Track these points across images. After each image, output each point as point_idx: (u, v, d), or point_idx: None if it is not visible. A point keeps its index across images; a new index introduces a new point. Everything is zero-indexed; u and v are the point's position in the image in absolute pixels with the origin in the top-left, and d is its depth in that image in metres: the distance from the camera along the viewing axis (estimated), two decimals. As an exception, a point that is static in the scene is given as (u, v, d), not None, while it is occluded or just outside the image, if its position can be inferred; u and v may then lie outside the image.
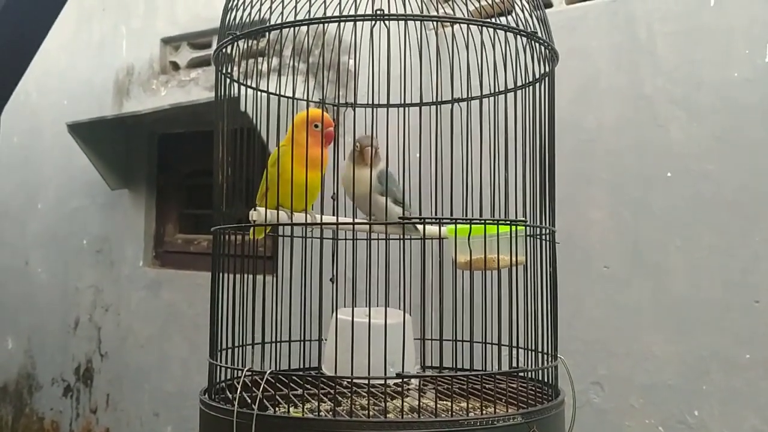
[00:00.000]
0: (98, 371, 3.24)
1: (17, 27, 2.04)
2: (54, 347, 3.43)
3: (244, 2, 1.13)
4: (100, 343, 3.24)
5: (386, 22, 0.96)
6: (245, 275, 1.13)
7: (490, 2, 1.18)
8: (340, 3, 1.01)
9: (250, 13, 1.14)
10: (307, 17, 1.04)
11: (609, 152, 1.95)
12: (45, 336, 3.48)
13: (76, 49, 3.41)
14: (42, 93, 3.52)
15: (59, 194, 3.44)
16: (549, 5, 2.11)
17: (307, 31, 1.03)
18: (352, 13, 1.00)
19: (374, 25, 0.98)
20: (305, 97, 1.16)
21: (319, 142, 1.14)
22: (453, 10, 1.24)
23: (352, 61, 1.20)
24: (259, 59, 1.23)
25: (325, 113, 1.19)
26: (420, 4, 1.22)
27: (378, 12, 0.97)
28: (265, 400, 1.04)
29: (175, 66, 3.08)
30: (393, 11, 1.12)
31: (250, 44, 1.17)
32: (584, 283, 1.95)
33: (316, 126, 1.21)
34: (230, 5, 1.16)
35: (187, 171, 3.12)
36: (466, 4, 1.13)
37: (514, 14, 1.11)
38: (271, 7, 1.08)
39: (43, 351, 3.50)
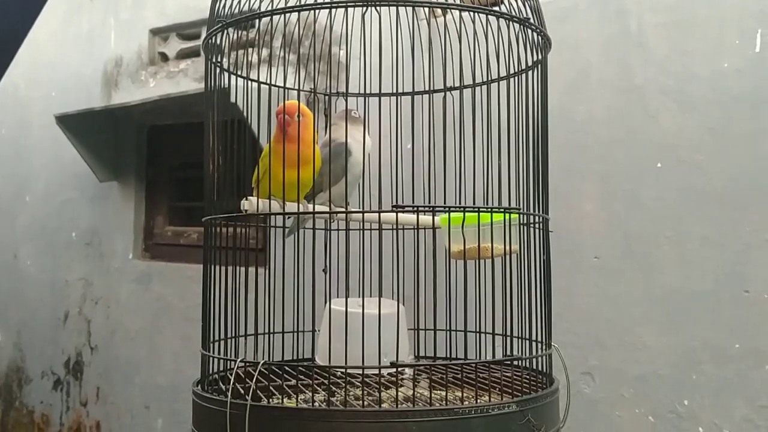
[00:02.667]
0: (88, 364, 3.22)
1: (1, 19, 2.02)
2: (43, 340, 3.41)
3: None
4: (90, 336, 3.22)
5: (377, 8, 0.95)
6: (237, 266, 1.13)
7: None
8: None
9: (239, 2, 1.13)
10: (297, 4, 1.03)
11: (600, 143, 1.95)
12: (34, 329, 3.47)
13: (64, 41, 3.38)
14: (30, 85, 3.50)
15: (48, 187, 3.42)
16: (540, -4, 2.11)
17: (298, 19, 1.02)
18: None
19: (365, 11, 0.97)
20: (296, 87, 1.15)
21: (296, 137, 1.13)
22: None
23: (343, 51, 1.19)
24: (249, 50, 1.22)
25: (293, 101, 1.16)
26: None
27: (369, -2, 0.96)
28: (258, 391, 1.03)
29: (164, 57, 3.06)
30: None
31: (239, 34, 1.16)
32: (575, 274, 1.95)
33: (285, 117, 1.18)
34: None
35: (177, 163, 3.11)
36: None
37: (506, 1, 1.11)
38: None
39: (33, 344, 3.48)
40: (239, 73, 1.21)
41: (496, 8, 1.11)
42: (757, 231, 1.72)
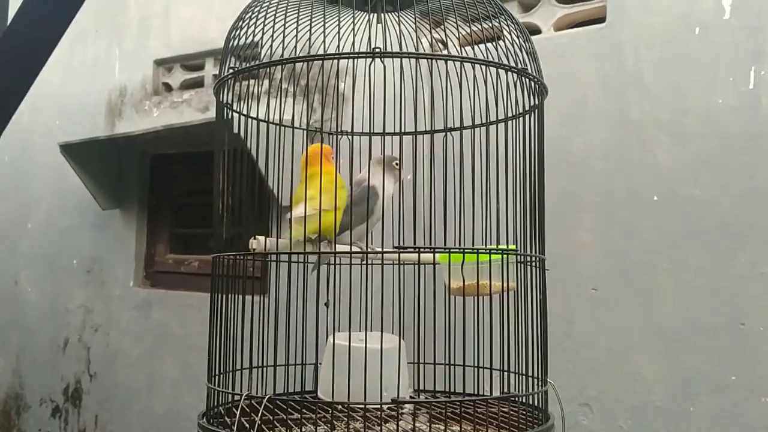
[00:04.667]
0: (87, 392, 3.22)
1: (18, 54, 2.06)
2: (43, 367, 3.42)
3: (246, 32, 1.16)
4: (89, 364, 3.23)
5: (382, 59, 0.99)
6: (243, 299, 1.15)
7: (479, 29, 1.21)
8: (338, 36, 1.04)
9: (252, 41, 1.17)
10: (306, 45, 1.07)
11: (597, 175, 1.98)
12: (34, 356, 3.47)
13: (69, 70, 3.42)
14: (34, 113, 3.53)
15: (50, 214, 3.45)
16: (537, 31, 2.15)
17: (307, 65, 1.06)
18: (349, 48, 1.03)
19: (371, 62, 1.01)
20: (303, 126, 1.18)
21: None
22: (445, 35, 1.27)
23: (349, 90, 1.23)
24: (252, 82, 1.25)
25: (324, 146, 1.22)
26: (415, 36, 1.25)
27: (375, 50, 1.00)
28: (262, 425, 1.05)
29: (168, 87, 3.10)
30: (389, 42, 1.15)
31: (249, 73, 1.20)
32: (573, 305, 1.97)
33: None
34: (232, 35, 1.19)
35: (179, 191, 3.14)
36: (458, 37, 1.16)
37: (504, 48, 1.14)
38: (273, 36, 1.11)
39: (32, 371, 3.48)
40: (248, 110, 1.24)
41: (493, 50, 1.14)
42: (753, 264, 1.75)
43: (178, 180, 3.11)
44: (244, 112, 1.23)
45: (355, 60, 1.02)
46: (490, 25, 1.19)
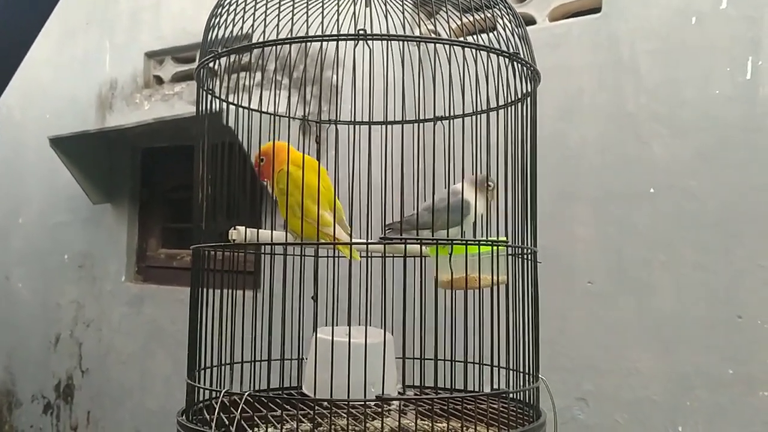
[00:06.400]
0: (79, 388, 3.20)
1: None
2: (34, 363, 3.39)
3: (227, 20, 1.13)
4: (81, 360, 3.20)
5: (368, 43, 0.96)
6: (226, 293, 1.12)
7: (472, 19, 1.18)
8: (322, 22, 1.00)
9: (233, 31, 1.13)
10: (290, 34, 1.04)
11: (593, 169, 1.95)
12: (25, 352, 3.44)
13: (59, 63, 3.39)
14: (24, 107, 3.50)
15: (41, 209, 3.41)
16: (532, 22, 2.12)
17: (290, 49, 1.03)
18: (334, 31, 0.99)
19: (357, 45, 0.97)
20: (288, 114, 1.15)
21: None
22: (435, 26, 1.24)
23: (335, 77, 1.19)
24: (242, 74, 1.22)
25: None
26: (402, 21, 1.22)
27: (360, 32, 0.96)
28: (243, 422, 1.02)
29: (159, 80, 3.07)
30: (375, 27, 1.11)
31: (233, 60, 1.17)
32: (569, 299, 1.95)
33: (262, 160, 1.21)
34: (212, 23, 1.16)
35: (170, 185, 3.11)
36: (448, 22, 1.13)
37: (496, 33, 1.11)
38: (253, 25, 1.08)
39: (24, 367, 3.45)
40: (233, 100, 1.21)
41: (485, 37, 1.11)
42: (750, 256, 1.72)
43: (169, 174, 3.08)
44: (229, 99, 1.20)
45: (343, 44, 0.98)
46: (483, 15, 1.16)
